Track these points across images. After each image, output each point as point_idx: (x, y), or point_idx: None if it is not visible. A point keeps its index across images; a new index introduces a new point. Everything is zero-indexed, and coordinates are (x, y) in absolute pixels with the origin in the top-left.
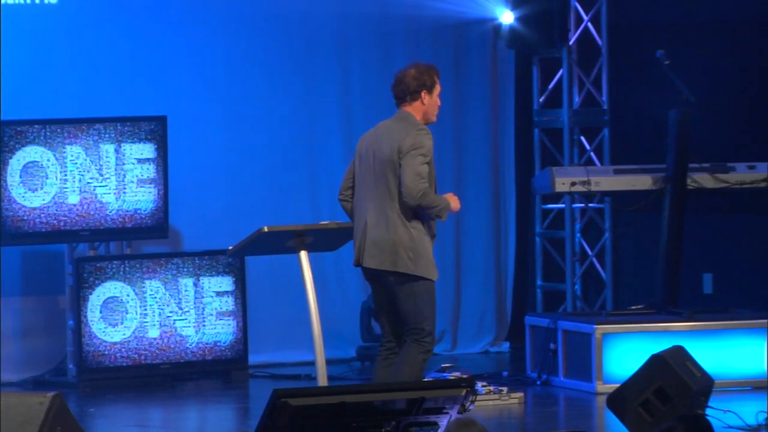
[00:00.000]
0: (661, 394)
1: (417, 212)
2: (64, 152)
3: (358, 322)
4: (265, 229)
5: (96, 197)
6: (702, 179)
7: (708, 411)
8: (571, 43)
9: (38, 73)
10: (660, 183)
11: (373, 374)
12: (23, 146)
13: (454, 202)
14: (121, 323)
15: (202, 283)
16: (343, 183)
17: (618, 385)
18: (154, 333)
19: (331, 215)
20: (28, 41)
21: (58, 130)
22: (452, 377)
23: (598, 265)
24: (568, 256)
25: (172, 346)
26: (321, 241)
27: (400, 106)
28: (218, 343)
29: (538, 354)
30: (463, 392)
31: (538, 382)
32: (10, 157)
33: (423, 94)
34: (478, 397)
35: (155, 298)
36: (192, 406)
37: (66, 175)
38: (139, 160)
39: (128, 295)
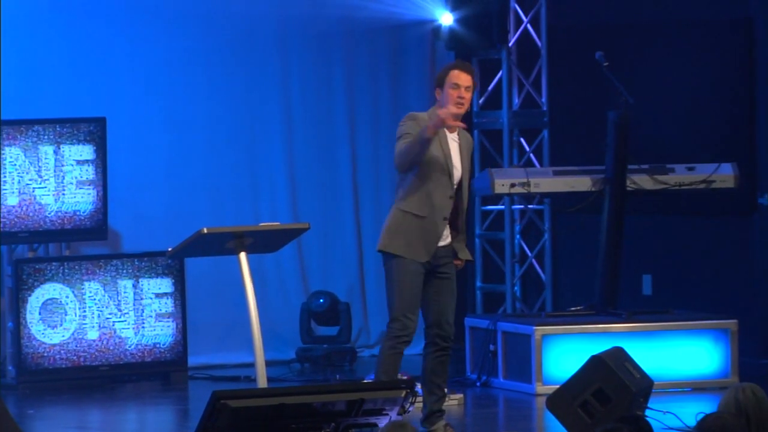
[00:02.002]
0: (601, 395)
1: (404, 188)
2: (3, 153)
3: (298, 324)
4: (205, 231)
5: (35, 199)
6: (641, 180)
7: (647, 412)
8: (510, 44)
9: None
10: (599, 184)
11: None
12: None
13: (440, 115)
14: (60, 325)
15: (142, 284)
16: None
17: (557, 387)
18: (93, 335)
19: (271, 216)
20: None
21: None
22: None
23: (537, 267)
24: (507, 258)
25: (111, 347)
26: (261, 242)
27: None
28: (157, 345)
29: (477, 355)
30: (403, 394)
31: (478, 384)
32: None
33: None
34: (418, 399)
35: (94, 299)
36: (131, 407)
37: (5, 176)
38: (78, 162)
39: (67, 297)
